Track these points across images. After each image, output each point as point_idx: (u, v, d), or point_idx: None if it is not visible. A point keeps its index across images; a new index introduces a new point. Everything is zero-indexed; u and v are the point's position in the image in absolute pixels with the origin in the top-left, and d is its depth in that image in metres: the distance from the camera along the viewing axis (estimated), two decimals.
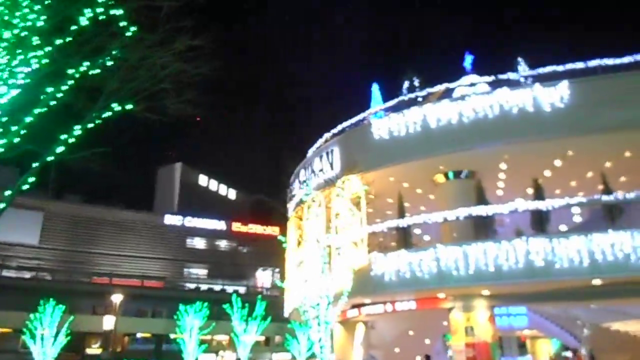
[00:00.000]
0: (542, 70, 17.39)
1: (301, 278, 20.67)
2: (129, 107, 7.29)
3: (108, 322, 32.64)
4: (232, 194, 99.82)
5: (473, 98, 17.06)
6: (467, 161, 17.70)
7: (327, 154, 20.25)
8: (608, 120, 15.22)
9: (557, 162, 17.09)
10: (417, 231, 20.70)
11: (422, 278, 16.27)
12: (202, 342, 36.60)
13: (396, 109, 19.30)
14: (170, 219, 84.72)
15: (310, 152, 23.08)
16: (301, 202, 21.82)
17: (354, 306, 20.10)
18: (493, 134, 16.58)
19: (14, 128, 7.05)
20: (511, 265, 15.30)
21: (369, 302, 19.28)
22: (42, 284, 47.64)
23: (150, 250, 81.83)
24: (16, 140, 6.98)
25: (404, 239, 17.79)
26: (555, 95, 16.06)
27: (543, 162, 17.13)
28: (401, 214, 18.41)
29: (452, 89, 18.83)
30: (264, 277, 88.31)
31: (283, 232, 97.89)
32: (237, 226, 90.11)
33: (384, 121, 18.49)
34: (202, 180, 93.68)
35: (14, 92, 6.97)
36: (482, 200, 16.90)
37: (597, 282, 14.96)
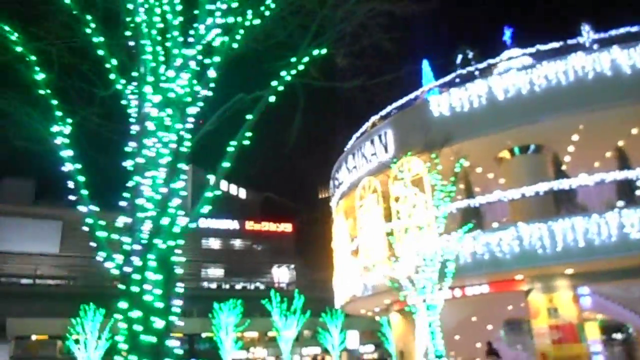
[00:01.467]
0: (613, 32, 15.85)
1: (358, 267, 19.21)
2: (324, 51, 5.89)
3: None
4: (242, 193, 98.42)
5: (544, 65, 15.51)
6: (537, 134, 16.15)
7: (380, 137, 18.70)
8: None
9: (635, 130, 15.58)
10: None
11: (503, 259, 14.74)
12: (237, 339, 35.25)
13: (452, 84, 17.78)
14: (184, 221, 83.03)
15: (353, 138, 21.57)
16: (350, 191, 20.34)
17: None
18: (568, 102, 15.04)
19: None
20: (604, 240, 13.77)
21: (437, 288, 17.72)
22: (71, 290, 46.30)
23: None
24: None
25: (476, 219, 16.26)
26: (636, 57, 14.54)
27: (620, 131, 15.60)
28: (469, 193, 16.87)
29: (511, 59, 17.27)
30: (280, 274, 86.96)
31: (295, 228, 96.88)
32: (250, 225, 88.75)
33: (443, 97, 16.95)
34: (212, 181, 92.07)
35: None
36: (560, 174, 15.37)
37: None
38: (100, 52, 5.71)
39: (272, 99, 5.93)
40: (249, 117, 5.83)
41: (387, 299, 20.01)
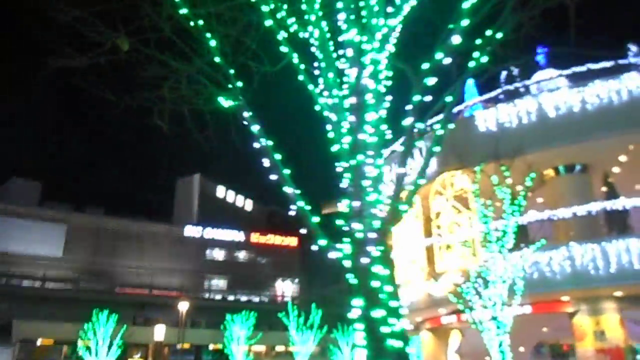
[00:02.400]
0: None
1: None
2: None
3: (159, 333, 30.72)
4: (248, 205, 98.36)
5: (597, 84, 15.50)
6: (586, 153, 16.07)
7: (421, 150, 18.59)
8: None
9: None
10: None
11: (552, 279, 14.55)
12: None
13: (497, 100, 17.76)
14: (190, 230, 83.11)
15: (388, 150, 21.46)
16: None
17: (452, 312, 18.35)
18: (620, 122, 14.98)
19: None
20: None
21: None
22: (79, 294, 45.96)
23: (170, 261, 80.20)
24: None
25: (523, 237, 16.09)
26: None
27: None
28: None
29: (556, 77, 17.26)
30: (284, 287, 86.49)
31: (301, 243, 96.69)
32: (255, 237, 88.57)
33: (490, 112, 16.90)
34: (220, 191, 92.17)
35: None
36: (611, 194, 15.27)
37: None
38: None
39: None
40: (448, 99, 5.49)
41: (419, 317, 19.77)
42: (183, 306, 32.52)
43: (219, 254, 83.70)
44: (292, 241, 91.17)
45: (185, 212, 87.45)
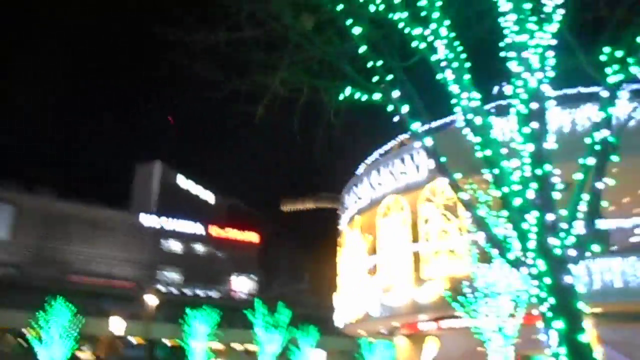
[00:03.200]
0: None
1: (376, 286, 19.24)
2: None
3: (116, 326, 29.96)
4: (210, 197, 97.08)
5: (587, 107, 16.19)
6: (569, 173, 16.66)
7: (412, 156, 18.93)
8: None
9: None
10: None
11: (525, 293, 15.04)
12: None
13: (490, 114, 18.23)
14: (147, 219, 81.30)
15: (375, 154, 21.76)
16: (371, 207, 20.46)
17: (433, 319, 18.76)
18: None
19: None
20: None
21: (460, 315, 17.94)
22: (25, 281, 44.19)
23: (124, 250, 78.28)
24: None
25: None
26: None
27: None
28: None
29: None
30: (239, 283, 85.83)
31: (262, 239, 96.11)
32: (215, 230, 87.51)
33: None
34: (181, 181, 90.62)
35: None
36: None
37: None
38: None
39: None
40: None
41: (398, 322, 20.10)
42: (151, 300, 31.83)
43: (175, 246, 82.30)
44: (253, 237, 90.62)
45: (143, 200, 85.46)
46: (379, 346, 34.04)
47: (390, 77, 5.64)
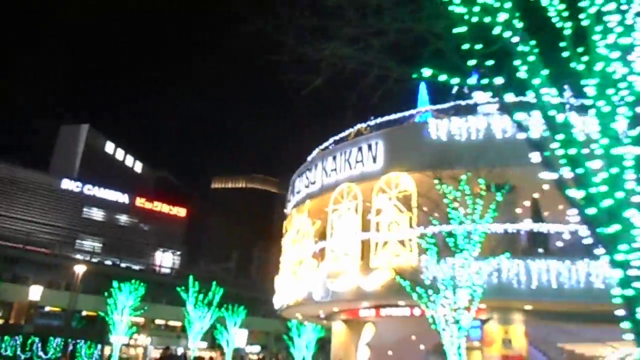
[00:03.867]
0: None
1: (322, 271, 19.37)
2: None
3: (35, 293, 28.32)
4: (138, 167, 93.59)
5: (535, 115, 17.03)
6: (515, 176, 17.55)
7: (369, 146, 19.14)
8: None
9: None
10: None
11: (480, 287, 15.78)
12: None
13: (447, 112, 18.82)
14: (68, 184, 77.35)
15: (330, 140, 21.82)
16: (322, 192, 20.54)
17: (374, 306, 19.22)
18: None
19: None
20: (572, 285, 15.44)
21: (402, 304, 18.46)
22: None
23: (42, 215, 74.03)
24: None
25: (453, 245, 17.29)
26: None
27: None
28: (447, 220, 17.87)
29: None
30: (163, 258, 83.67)
31: (190, 213, 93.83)
32: (141, 201, 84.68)
33: (444, 123, 17.86)
34: (109, 147, 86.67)
35: None
36: (538, 217, 16.92)
37: None
38: None
39: None
40: None
41: (338, 307, 20.40)
42: (79, 269, 30.25)
43: (98, 214, 78.81)
44: (181, 211, 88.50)
45: (65, 163, 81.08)
46: (307, 329, 34.44)
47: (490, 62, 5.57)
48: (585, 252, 16.52)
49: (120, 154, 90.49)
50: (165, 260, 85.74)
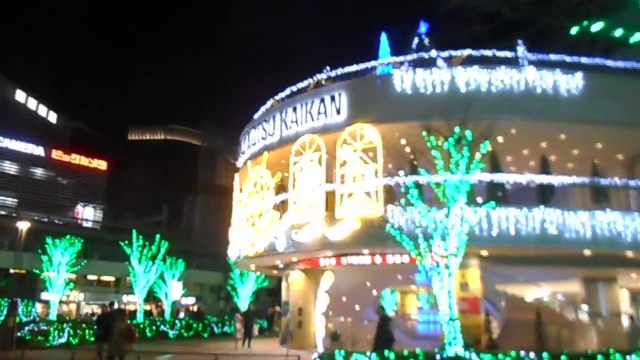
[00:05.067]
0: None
1: (283, 222, 18.98)
2: None
3: None
4: (52, 117, 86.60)
5: (502, 69, 17.34)
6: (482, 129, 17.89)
7: (332, 97, 18.62)
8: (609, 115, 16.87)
9: (555, 145, 18.26)
10: None
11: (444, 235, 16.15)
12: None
13: (409, 64, 18.63)
14: None
15: (287, 90, 21.06)
16: (281, 144, 19.94)
17: (336, 255, 19.25)
18: (517, 107, 17.09)
19: None
20: (529, 231, 16.21)
21: (365, 252, 18.58)
22: None
23: None
24: None
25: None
26: (572, 83, 17.25)
27: (545, 139, 18.09)
28: (413, 170, 17.99)
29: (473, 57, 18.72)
30: (85, 213, 79.33)
31: (111, 166, 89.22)
32: (58, 154, 79.09)
33: (408, 75, 17.67)
34: (20, 96, 79.18)
35: None
36: (496, 168, 17.39)
37: (587, 252, 16.77)
38: None
39: None
40: None
41: (302, 257, 20.22)
42: (23, 225, 27.66)
43: (10, 168, 72.67)
44: (101, 164, 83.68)
45: None
46: (250, 279, 34.25)
47: None
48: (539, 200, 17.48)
49: (32, 104, 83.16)
50: (87, 215, 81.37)
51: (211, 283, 53.70)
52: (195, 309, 50.98)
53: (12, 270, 37.68)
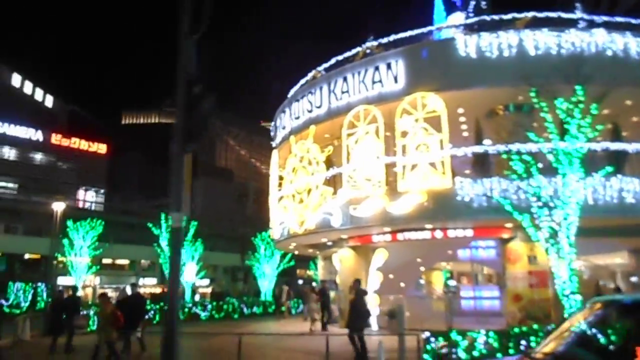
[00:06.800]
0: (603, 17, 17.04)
1: (339, 197, 17.76)
2: None
3: None
4: (48, 101, 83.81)
5: (573, 32, 16.12)
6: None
7: (389, 65, 17.27)
8: None
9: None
10: None
11: (516, 205, 15.05)
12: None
13: (471, 28, 17.36)
14: None
15: (333, 60, 19.67)
16: (330, 116, 18.62)
17: (392, 232, 18.13)
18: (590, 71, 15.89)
19: None
20: (607, 200, 15.19)
21: (428, 227, 17.44)
22: None
23: None
24: None
25: (483, 165, 16.40)
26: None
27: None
28: (479, 139, 16.85)
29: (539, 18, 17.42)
30: (88, 197, 77.33)
31: (110, 150, 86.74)
32: (57, 138, 76.63)
33: (472, 39, 16.37)
34: (15, 80, 76.30)
35: None
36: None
37: None
38: None
39: None
40: None
41: (346, 234, 19.04)
42: (58, 206, 26.05)
43: (9, 153, 70.23)
44: (101, 147, 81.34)
45: None
46: (274, 259, 33.17)
47: None
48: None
49: (28, 88, 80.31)
50: (89, 199, 79.38)
51: (226, 264, 52.50)
52: (209, 290, 49.95)
53: (27, 256, 36.15)
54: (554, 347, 4.68)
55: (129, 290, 16.53)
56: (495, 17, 17.18)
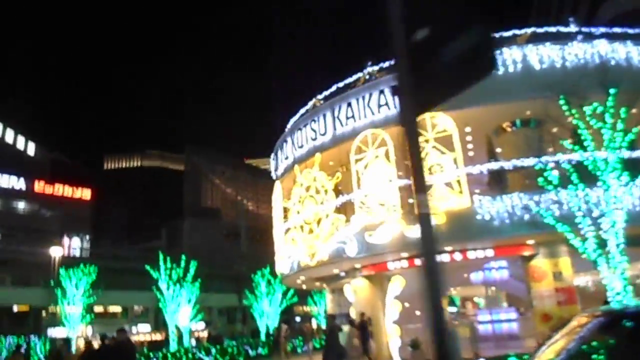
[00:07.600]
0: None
1: (352, 225, 17.05)
2: None
3: None
4: (30, 149, 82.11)
5: (575, 45, 16.02)
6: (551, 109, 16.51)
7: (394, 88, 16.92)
8: None
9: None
10: None
11: (541, 221, 14.54)
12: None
13: None
14: None
15: (333, 87, 19.30)
16: (335, 143, 18.11)
17: (409, 257, 17.38)
18: (595, 82, 15.74)
19: None
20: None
21: (448, 249, 16.74)
22: None
23: None
24: None
25: (499, 181, 15.95)
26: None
27: None
28: (491, 156, 16.46)
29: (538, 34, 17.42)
30: (72, 244, 75.06)
31: (94, 196, 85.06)
32: (40, 186, 74.71)
33: None
34: None
35: None
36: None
37: None
38: None
39: None
40: None
41: (378, 260, 18.12)
42: (56, 252, 24.74)
43: None
44: (85, 193, 79.54)
45: None
46: (276, 296, 31.99)
47: None
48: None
49: (9, 136, 78.71)
50: (75, 246, 77.09)
51: (222, 305, 50.76)
52: (204, 334, 48.07)
53: (15, 308, 34.35)
54: None
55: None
56: (496, 34, 17.04)
